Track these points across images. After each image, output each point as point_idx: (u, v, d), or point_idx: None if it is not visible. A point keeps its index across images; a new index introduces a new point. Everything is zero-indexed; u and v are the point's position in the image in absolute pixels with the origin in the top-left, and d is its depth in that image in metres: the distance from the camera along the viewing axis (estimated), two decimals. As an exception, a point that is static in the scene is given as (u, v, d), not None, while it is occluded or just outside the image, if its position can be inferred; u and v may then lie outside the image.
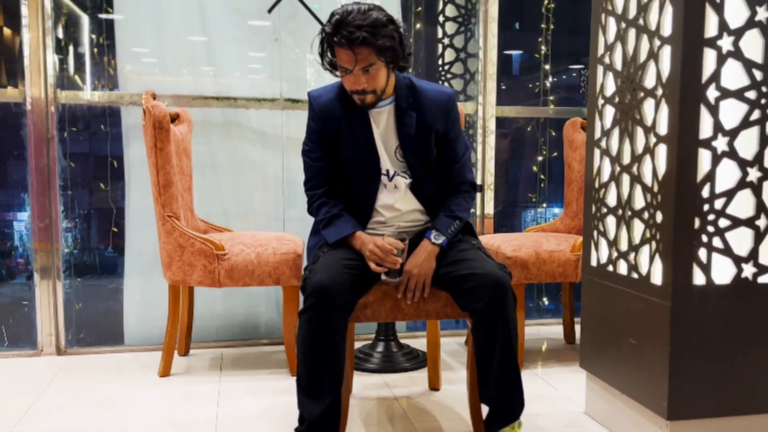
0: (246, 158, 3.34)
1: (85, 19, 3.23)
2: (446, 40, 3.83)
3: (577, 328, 3.36)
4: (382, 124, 2.18)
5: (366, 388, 2.67)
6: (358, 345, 3.05)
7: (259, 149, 3.34)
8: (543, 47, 3.73)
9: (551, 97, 3.75)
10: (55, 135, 3.02)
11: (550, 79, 3.74)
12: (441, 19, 3.82)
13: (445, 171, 2.25)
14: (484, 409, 2.08)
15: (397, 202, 2.21)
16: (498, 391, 2.00)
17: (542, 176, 3.82)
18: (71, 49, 3.21)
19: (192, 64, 3.25)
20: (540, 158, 3.80)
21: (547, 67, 3.73)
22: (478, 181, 3.58)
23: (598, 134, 2.25)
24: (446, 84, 3.82)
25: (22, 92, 2.97)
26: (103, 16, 3.20)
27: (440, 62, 3.84)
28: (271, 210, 3.39)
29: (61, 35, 3.12)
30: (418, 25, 3.71)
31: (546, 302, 3.86)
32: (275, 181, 3.36)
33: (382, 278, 2.07)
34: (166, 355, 2.78)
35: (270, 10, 3.21)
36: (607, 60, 2.18)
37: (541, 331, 3.61)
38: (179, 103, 3.15)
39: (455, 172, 2.24)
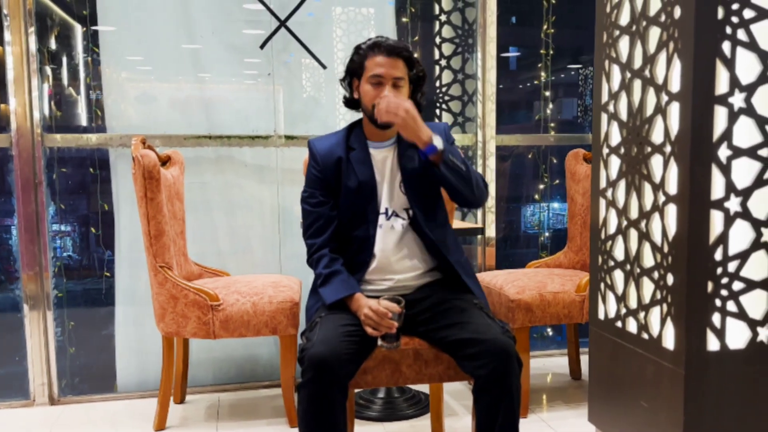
0: (240, 194, 3.26)
1: (77, 59, 3.15)
2: (443, 62, 3.76)
3: (583, 360, 3.28)
4: (384, 161, 2.16)
5: (367, 440, 2.59)
6: (358, 390, 2.96)
7: (254, 184, 3.26)
8: (543, 73, 3.64)
9: (552, 124, 3.66)
10: (43, 180, 2.94)
11: (551, 106, 3.65)
12: (438, 40, 3.75)
13: None
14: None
15: (396, 244, 2.14)
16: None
17: (544, 204, 3.73)
18: (63, 62, 3.14)
19: (184, 102, 3.16)
20: (542, 186, 3.72)
21: (548, 93, 3.64)
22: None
23: (603, 184, 2.16)
24: (444, 106, 3.76)
25: (8, 138, 2.89)
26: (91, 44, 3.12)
27: (438, 84, 3.77)
28: (267, 247, 3.31)
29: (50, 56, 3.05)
30: (415, 49, 3.63)
31: (550, 332, 3.78)
32: (271, 216, 3.28)
33: (379, 344, 1.99)
34: (161, 408, 2.70)
35: (262, 46, 3.12)
36: (611, 108, 2.09)
37: (546, 363, 3.53)
38: (171, 143, 3.06)
39: None
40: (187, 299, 2.58)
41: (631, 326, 2.04)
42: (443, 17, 3.72)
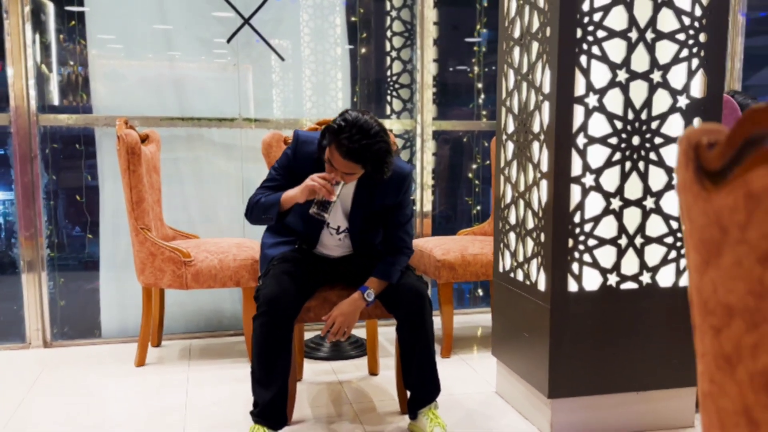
0: (209, 169, 3.74)
1: (61, 48, 3.59)
2: (394, 53, 4.24)
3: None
4: (345, 190, 2.45)
5: (315, 374, 3.12)
6: (309, 336, 3.50)
7: (221, 160, 3.75)
8: (476, 68, 4.17)
9: (484, 112, 4.20)
10: (38, 154, 3.39)
11: (482, 96, 4.18)
12: (389, 34, 4.23)
13: (388, 230, 2.56)
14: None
15: (338, 246, 2.60)
16: (418, 380, 2.47)
17: (477, 182, 4.28)
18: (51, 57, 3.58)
19: (161, 87, 3.62)
20: (474, 165, 4.26)
21: (480, 85, 4.17)
22: (418, 179, 4.03)
23: (502, 164, 2.70)
24: (395, 93, 4.24)
25: (8, 117, 3.33)
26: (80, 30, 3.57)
27: (389, 73, 4.26)
28: (232, 214, 3.81)
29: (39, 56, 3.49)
30: (364, 48, 4.12)
31: (480, 293, 4.35)
32: (236, 188, 3.77)
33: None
34: (141, 348, 3.20)
35: (229, 40, 3.60)
36: (508, 103, 2.63)
37: (474, 318, 4.10)
38: (148, 124, 3.53)
39: (397, 235, 2.54)
40: (164, 256, 3.08)
41: (519, 275, 2.59)
42: (394, 13, 4.20)
